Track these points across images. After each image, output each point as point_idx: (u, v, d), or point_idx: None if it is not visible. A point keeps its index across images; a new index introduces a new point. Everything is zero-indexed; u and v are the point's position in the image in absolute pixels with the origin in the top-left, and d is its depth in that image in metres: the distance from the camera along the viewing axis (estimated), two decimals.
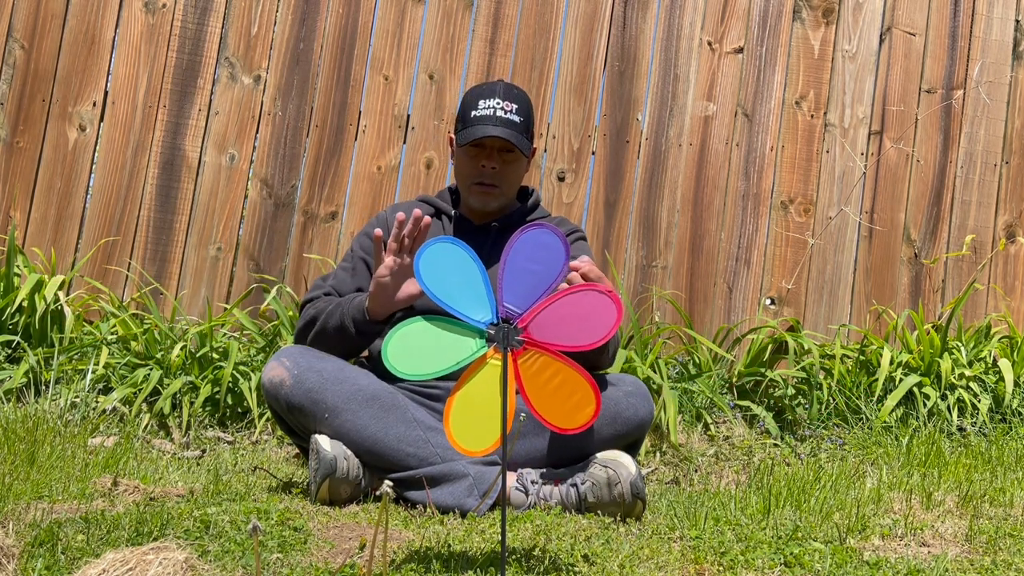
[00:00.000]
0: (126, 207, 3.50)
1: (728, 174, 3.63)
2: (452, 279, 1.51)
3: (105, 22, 3.56)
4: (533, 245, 1.53)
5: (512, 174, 2.38)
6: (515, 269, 1.52)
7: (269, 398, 2.15)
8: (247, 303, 3.40)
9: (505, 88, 2.37)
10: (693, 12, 3.68)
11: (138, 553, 1.34)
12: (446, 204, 2.45)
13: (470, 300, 1.51)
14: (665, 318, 3.52)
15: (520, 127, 2.33)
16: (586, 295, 1.54)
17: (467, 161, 2.36)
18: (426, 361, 1.49)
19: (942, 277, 3.65)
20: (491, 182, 2.35)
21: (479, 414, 1.49)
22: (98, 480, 2.05)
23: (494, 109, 2.31)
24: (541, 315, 1.52)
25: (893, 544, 1.77)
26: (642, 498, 1.98)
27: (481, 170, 2.34)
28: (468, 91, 2.42)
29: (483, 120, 2.31)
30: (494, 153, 2.34)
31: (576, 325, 1.53)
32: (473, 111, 2.33)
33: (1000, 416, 3.13)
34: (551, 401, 1.52)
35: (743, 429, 3.11)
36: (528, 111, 2.37)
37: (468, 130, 2.32)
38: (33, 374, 2.95)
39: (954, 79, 3.73)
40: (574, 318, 1.53)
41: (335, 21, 3.60)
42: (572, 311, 1.53)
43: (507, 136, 2.29)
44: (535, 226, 1.55)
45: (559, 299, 1.53)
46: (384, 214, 2.48)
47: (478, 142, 2.32)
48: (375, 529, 1.46)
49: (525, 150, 2.34)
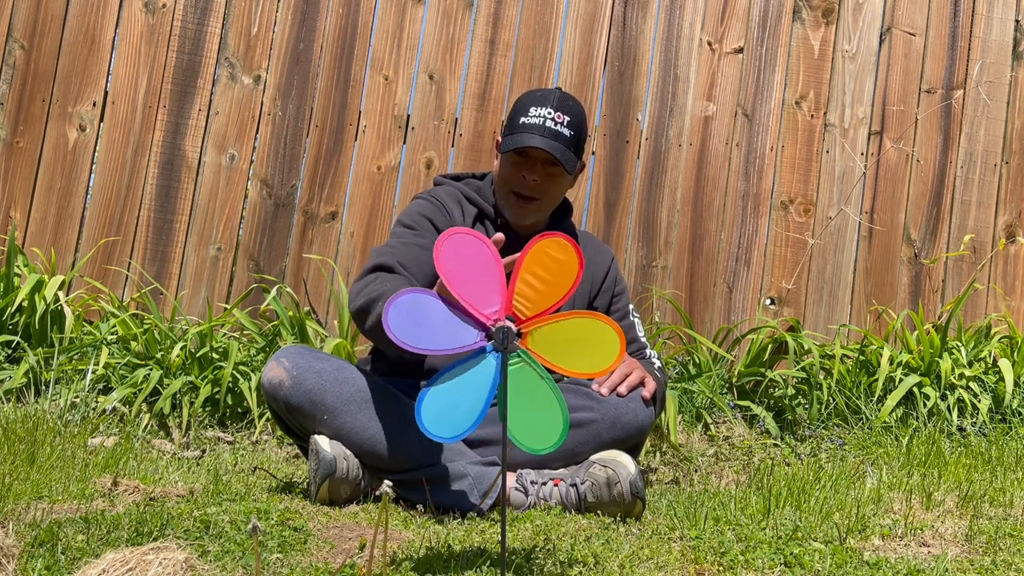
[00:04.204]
0: (126, 207, 3.50)
1: (728, 174, 3.63)
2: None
3: (105, 22, 3.56)
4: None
5: (554, 189, 2.27)
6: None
7: (268, 399, 2.15)
8: (247, 303, 3.40)
9: (560, 98, 2.25)
10: (693, 12, 3.68)
11: (138, 553, 1.34)
12: (488, 205, 2.32)
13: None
14: (665, 318, 3.52)
15: (569, 140, 2.21)
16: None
17: (509, 168, 2.25)
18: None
19: (942, 277, 3.65)
20: (530, 194, 2.25)
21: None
22: (98, 480, 2.05)
23: (544, 119, 2.20)
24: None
25: (893, 544, 1.77)
26: (642, 498, 1.98)
27: (521, 180, 2.24)
28: (523, 94, 2.31)
29: (530, 128, 2.20)
30: (537, 165, 2.23)
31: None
32: (523, 117, 2.22)
33: (1000, 416, 3.12)
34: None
35: (743, 429, 3.11)
36: (580, 124, 2.25)
37: (513, 136, 2.21)
38: (33, 374, 2.95)
39: (954, 79, 3.73)
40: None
41: (335, 21, 3.60)
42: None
43: (551, 150, 2.18)
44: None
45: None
46: (432, 199, 2.31)
47: (521, 151, 2.22)
48: (375, 529, 1.46)
49: (569, 166, 2.22)
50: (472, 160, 3.55)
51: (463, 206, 2.32)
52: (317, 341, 3.20)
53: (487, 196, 2.35)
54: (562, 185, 2.30)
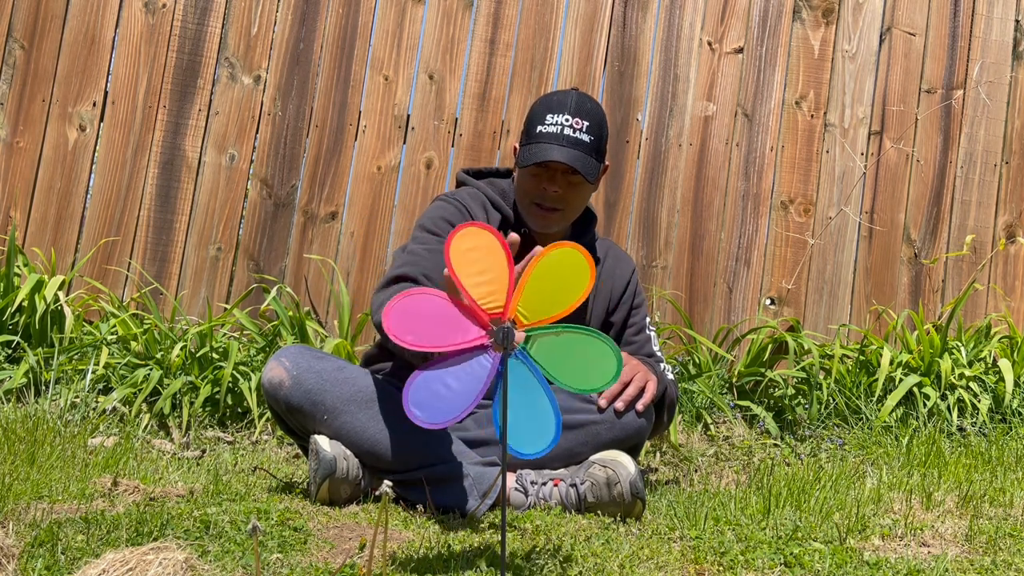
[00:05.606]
0: (126, 207, 3.50)
1: (728, 174, 3.63)
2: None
3: (105, 22, 3.56)
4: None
5: (576, 198, 2.22)
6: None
7: (269, 398, 2.15)
8: (247, 303, 3.40)
9: (577, 101, 2.18)
10: (693, 12, 3.68)
11: (138, 553, 1.34)
12: (511, 212, 2.27)
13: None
14: (665, 318, 3.52)
15: (589, 147, 2.16)
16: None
17: (528, 180, 2.19)
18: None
19: (942, 277, 3.65)
20: (552, 205, 2.20)
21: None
22: (98, 480, 2.05)
23: (562, 126, 2.14)
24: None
25: (893, 544, 1.77)
26: (642, 498, 1.98)
27: (542, 192, 2.19)
28: (539, 99, 2.24)
29: (549, 138, 2.14)
30: (557, 175, 2.17)
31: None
32: (540, 125, 2.16)
33: (1000, 416, 3.13)
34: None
35: (743, 429, 3.11)
36: (600, 128, 2.19)
37: (532, 147, 2.15)
38: (33, 374, 2.95)
39: (954, 79, 3.73)
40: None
41: (335, 21, 3.60)
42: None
43: (571, 161, 2.12)
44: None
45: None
46: (456, 203, 2.25)
47: (542, 163, 2.16)
48: (375, 529, 1.46)
49: (591, 175, 2.16)
50: (472, 160, 3.55)
51: (488, 211, 2.27)
52: (317, 341, 3.20)
53: (508, 197, 2.30)
54: (584, 193, 2.24)
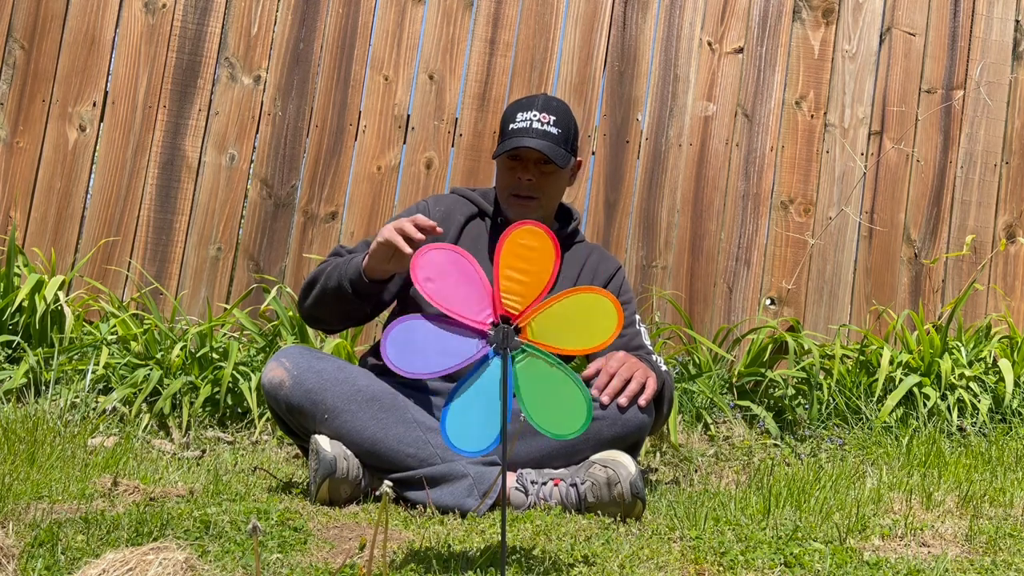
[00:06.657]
0: (126, 207, 3.50)
1: (728, 174, 3.63)
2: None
3: (105, 22, 3.56)
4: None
5: (550, 187, 2.35)
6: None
7: (269, 399, 2.15)
8: (247, 303, 3.40)
9: (544, 100, 2.35)
10: (693, 12, 3.68)
11: (138, 553, 1.34)
12: (488, 205, 2.42)
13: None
14: (665, 318, 3.52)
15: (558, 138, 2.30)
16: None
17: (504, 173, 2.35)
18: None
19: (942, 277, 3.65)
20: (528, 194, 2.33)
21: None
22: (98, 480, 2.05)
23: (531, 121, 2.30)
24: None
25: (893, 544, 1.77)
26: (642, 498, 1.98)
27: (517, 182, 2.33)
28: (509, 104, 2.39)
29: (519, 133, 2.29)
30: (530, 165, 2.32)
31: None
32: (511, 124, 2.32)
33: (1000, 416, 3.12)
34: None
35: (743, 429, 3.11)
36: (568, 123, 2.34)
37: (504, 143, 2.31)
38: (33, 374, 2.95)
39: (954, 79, 3.73)
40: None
41: (335, 21, 3.60)
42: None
43: (541, 147, 2.27)
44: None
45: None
46: (425, 203, 2.44)
47: (514, 153, 2.31)
48: (375, 529, 1.46)
49: (561, 161, 2.30)
50: (472, 160, 3.55)
51: (458, 204, 2.41)
52: (317, 341, 3.20)
53: (489, 197, 2.43)
54: (559, 183, 2.37)
